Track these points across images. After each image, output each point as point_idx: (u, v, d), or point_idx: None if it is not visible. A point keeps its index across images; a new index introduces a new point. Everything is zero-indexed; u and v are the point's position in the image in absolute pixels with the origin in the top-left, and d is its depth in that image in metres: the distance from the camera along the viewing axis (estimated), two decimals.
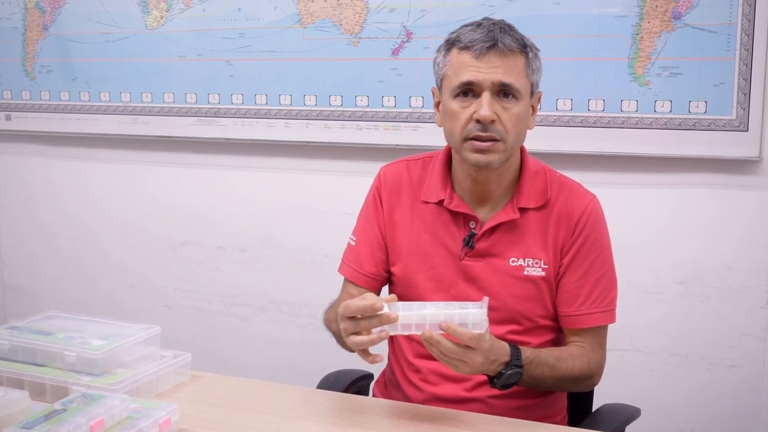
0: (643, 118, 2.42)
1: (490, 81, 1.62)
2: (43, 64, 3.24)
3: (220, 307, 3.17)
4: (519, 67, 1.64)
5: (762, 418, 2.47)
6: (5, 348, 1.74)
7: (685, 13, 2.34)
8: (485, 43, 1.62)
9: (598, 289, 1.73)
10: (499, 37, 1.62)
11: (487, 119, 1.62)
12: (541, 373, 1.63)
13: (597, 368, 1.74)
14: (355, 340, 1.49)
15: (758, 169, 2.37)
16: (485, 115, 1.61)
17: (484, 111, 1.62)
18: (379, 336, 1.48)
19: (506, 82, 1.62)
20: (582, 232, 1.72)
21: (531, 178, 1.75)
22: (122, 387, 1.61)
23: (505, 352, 1.56)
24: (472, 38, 1.63)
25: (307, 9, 2.78)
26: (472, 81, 1.63)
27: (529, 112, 1.70)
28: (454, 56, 1.67)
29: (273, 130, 2.90)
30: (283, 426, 1.56)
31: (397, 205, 1.83)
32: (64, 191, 3.38)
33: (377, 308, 1.46)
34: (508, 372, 1.56)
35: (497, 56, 1.62)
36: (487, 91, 1.62)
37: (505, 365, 1.56)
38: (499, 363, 1.55)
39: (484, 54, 1.62)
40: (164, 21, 3.00)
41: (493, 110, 1.62)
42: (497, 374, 1.56)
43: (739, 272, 2.44)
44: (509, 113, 1.64)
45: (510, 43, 1.63)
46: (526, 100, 1.67)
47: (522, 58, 1.65)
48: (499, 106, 1.63)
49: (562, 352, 1.70)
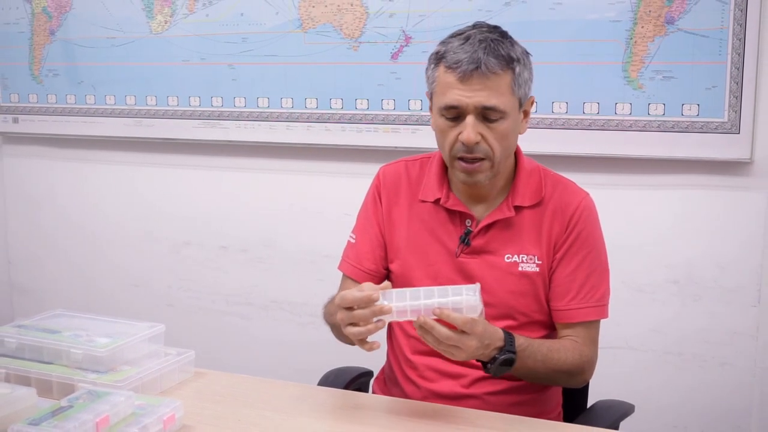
0: (636, 120, 2.44)
1: (474, 105, 1.61)
2: (50, 68, 3.26)
3: (223, 306, 3.18)
4: (503, 87, 1.62)
5: (753, 415, 2.48)
6: (13, 346, 1.74)
7: (678, 18, 2.36)
8: (469, 66, 1.60)
9: (588, 284, 1.74)
10: (483, 60, 1.59)
11: (471, 143, 1.62)
12: (534, 363, 1.63)
13: (589, 363, 1.74)
14: (353, 331, 1.50)
15: (750, 170, 2.39)
16: (468, 139, 1.62)
17: (467, 135, 1.62)
18: (375, 326, 1.49)
19: (489, 105, 1.61)
20: (575, 227, 1.74)
21: (526, 177, 1.76)
22: (127, 384, 1.61)
23: (499, 337, 1.56)
24: (457, 59, 1.61)
25: (308, 14, 2.81)
26: (455, 105, 1.63)
27: (518, 123, 1.70)
28: (441, 74, 1.65)
29: (275, 133, 2.92)
30: (284, 422, 1.57)
31: (395, 204, 1.84)
32: (69, 192, 3.40)
33: (374, 299, 1.47)
34: (502, 357, 1.55)
35: (480, 79, 1.60)
36: (471, 114, 1.62)
37: (498, 350, 1.56)
38: (493, 348, 1.54)
39: (467, 77, 1.60)
40: (168, 26, 3.02)
41: (477, 131, 1.62)
42: (491, 359, 1.56)
43: (731, 272, 2.45)
44: (494, 132, 1.64)
45: (493, 65, 1.60)
46: (514, 114, 1.66)
47: (508, 76, 1.62)
48: (484, 126, 1.63)
49: (554, 344, 1.70)
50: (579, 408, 1.91)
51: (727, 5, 2.30)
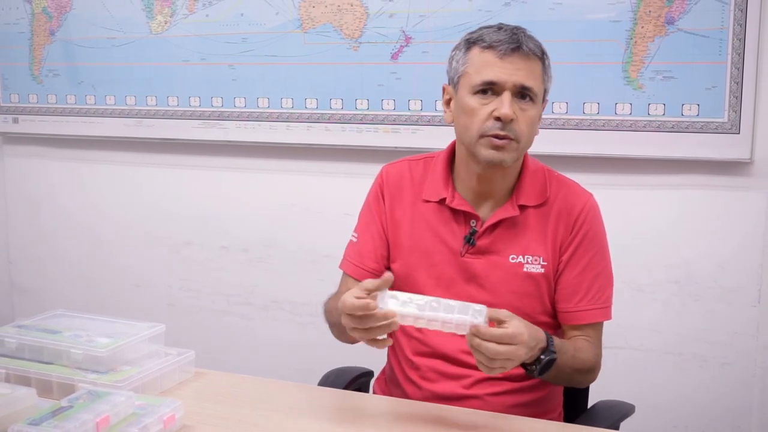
0: (637, 120, 2.45)
1: (513, 82, 1.64)
2: (50, 68, 3.27)
3: (223, 306, 3.19)
4: (537, 72, 1.66)
5: (754, 415, 2.48)
6: (13, 346, 1.74)
7: (678, 18, 2.36)
8: (510, 45, 1.64)
9: (596, 286, 1.75)
10: (523, 41, 1.64)
11: (508, 117, 1.63)
12: (564, 362, 1.62)
13: (599, 362, 1.75)
14: (358, 336, 1.49)
15: (750, 170, 2.39)
16: (507, 114, 1.62)
17: (506, 109, 1.63)
18: (384, 342, 1.50)
19: (527, 85, 1.64)
20: (581, 229, 1.74)
21: (531, 176, 1.77)
22: (127, 384, 1.61)
23: (542, 337, 1.55)
24: (497, 38, 1.65)
25: (308, 14, 2.81)
26: (494, 81, 1.64)
27: (540, 117, 1.73)
28: (475, 54, 1.67)
29: (275, 133, 2.93)
30: (284, 422, 1.57)
31: (398, 203, 1.84)
32: (70, 193, 3.40)
33: (371, 307, 1.45)
34: (546, 358, 1.55)
35: (521, 59, 1.64)
36: (509, 91, 1.64)
37: (541, 350, 1.55)
38: (538, 348, 1.54)
39: (508, 55, 1.64)
40: (168, 26, 3.02)
41: (512, 110, 1.64)
42: (535, 360, 1.54)
43: (731, 272, 2.46)
44: (526, 115, 1.66)
45: (533, 47, 1.65)
46: (539, 104, 1.69)
47: (540, 64, 1.67)
48: (517, 106, 1.65)
49: (577, 343, 1.71)
50: (579, 408, 1.91)
51: (727, 5, 2.31)
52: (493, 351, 1.44)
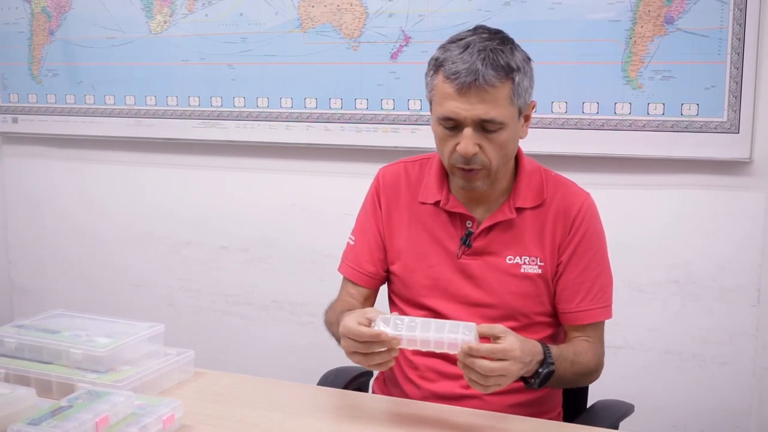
0: (636, 120, 2.45)
1: (471, 118, 1.60)
2: (49, 68, 3.27)
3: (223, 306, 3.19)
4: (502, 99, 1.60)
5: (753, 415, 2.49)
6: (12, 346, 1.75)
7: (678, 18, 2.36)
8: (467, 78, 1.57)
9: (597, 286, 1.75)
10: (481, 72, 1.57)
11: (468, 155, 1.62)
12: (564, 370, 1.63)
13: (601, 362, 1.76)
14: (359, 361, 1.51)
15: (749, 170, 2.39)
16: (465, 152, 1.61)
17: (464, 148, 1.61)
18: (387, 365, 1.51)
19: (487, 119, 1.60)
20: (579, 229, 1.74)
21: (527, 178, 1.76)
22: (127, 384, 1.61)
23: (538, 351, 1.56)
24: (455, 70, 1.59)
25: (308, 14, 2.81)
26: (453, 117, 1.62)
27: (518, 130, 1.69)
28: (439, 83, 1.63)
29: (274, 133, 2.93)
30: (284, 422, 1.57)
31: (395, 206, 1.84)
32: (69, 192, 3.40)
33: (382, 338, 1.47)
34: (545, 371, 1.56)
35: (478, 92, 1.58)
36: (469, 126, 1.61)
37: (539, 363, 1.56)
38: (535, 362, 1.55)
39: (465, 90, 1.58)
40: (168, 26, 3.02)
41: (475, 143, 1.62)
42: (534, 374, 1.56)
43: (730, 271, 2.46)
44: (493, 143, 1.63)
45: (492, 77, 1.58)
46: (513, 123, 1.65)
47: (506, 87, 1.60)
48: (482, 137, 1.62)
49: (575, 347, 1.71)
50: (579, 408, 1.91)
51: (727, 5, 2.31)
52: (487, 368, 1.44)
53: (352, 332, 1.49)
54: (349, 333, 1.49)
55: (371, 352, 1.49)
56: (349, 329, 1.49)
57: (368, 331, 1.47)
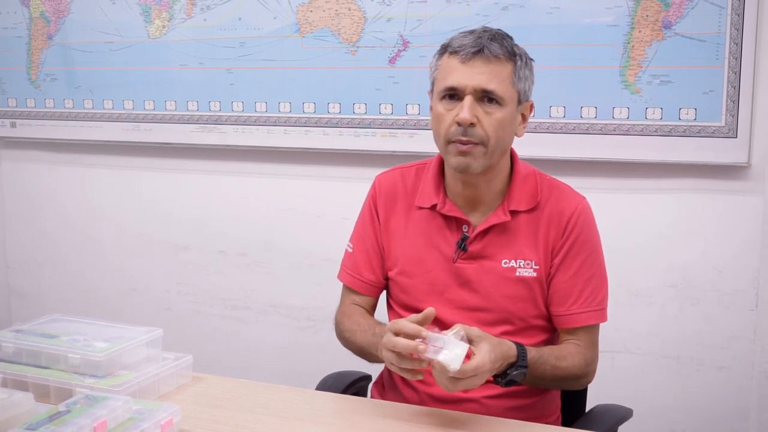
0: (634, 125, 2.45)
1: (473, 86, 1.64)
2: (48, 72, 3.27)
3: (221, 310, 3.19)
4: (504, 74, 1.65)
5: (751, 419, 2.48)
6: (10, 350, 1.74)
7: (675, 23, 2.37)
8: (472, 48, 1.64)
9: (588, 289, 1.75)
10: (486, 44, 1.64)
11: (466, 122, 1.63)
12: (543, 372, 1.65)
13: (592, 366, 1.76)
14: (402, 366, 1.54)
15: (747, 174, 2.39)
16: (464, 118, 1.63)
17: (464, 114, 1.63)
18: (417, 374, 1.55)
19: (488, 88, 1.64)
20: (572, 232, 1.74)
21: (521, 181, 1.77)
22: (125, 389, 1.61)
23: (512, 354, 1.58)
24: (461, 43, 1.66)
25: (306, 18, 2.81)
26: (455, 86, 1.65)
27: (516, 119, 1.71)
28: (444, 60, 1.69)
29: (272, 137, 2.93)
30: (282, 427, 1.57)
31: (392, 213, 1.85)
32: (68, 197, 3.40)
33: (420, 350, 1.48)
34: (514, 372, 1.58)
35: (482, 62, 1.64)
36: (470, 95, 1.64)
37: (510, 365, 1.59)
38: (506, 364, 1.58)
39: (469, 59, 1.64)
40: (166, 30, 3.03)
41: (473, 113, 1.64)
42: (502, 373, 1.59)
43: (728, 275, 2.46)
44: (491, 118, 1.65)
45: (496, 49, 1.65)
46: (511, 106, 1.68)
47: (509, 66, 1.66)
48: (481, 110, 1.65)
49: (561, 351, 1.71)
50: (577, 412, 1.91)
51: (724, 9, 2.31)
52: (454, 382, 1.49)
53: (396, 346, 1.51)
54: (392, 346, 1.52)
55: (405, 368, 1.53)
56: (389, 340, 1.53)
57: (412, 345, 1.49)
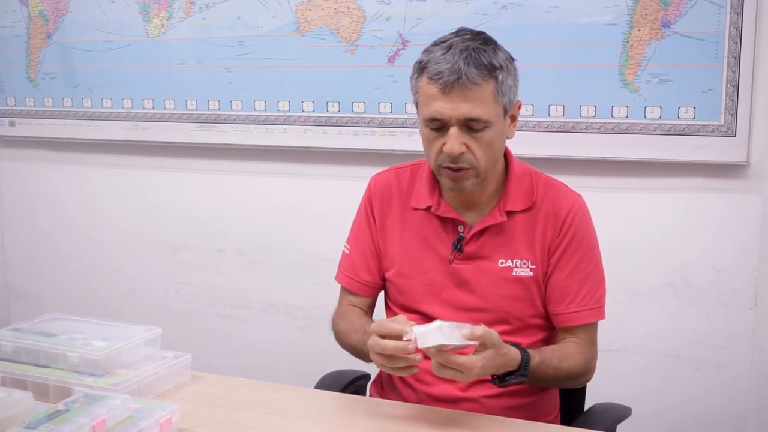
0: (633, 123, 2.45)
1: (456, 117, 1.61)
2: (47, 71, 3.27)
3: (220, 309, 3.19)
4: (486, 97, 1.61)
5: (750, 418, 2.49)
6: (9, 349, 1.75)
7: (674, 22, 2.37)
8: (450, 77, 1.58)
9: (586, 287, 1.75)
10: (464, 70, 1.58)
11: (454, 154, 1.62)
12: (545, 375, 1.65)
13: (591, 364, 1.76)
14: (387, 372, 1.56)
15: (746, 173, 2.40)
16: (452, 151, 1.62)
17: (451, 147, 1.62)
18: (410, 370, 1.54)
19: (472, 116, 1.61)
20: (569, 230, 1.74)
21: (517, 181, 1.77)
22: (124, 387, 1.61)
23: (514, 364, 1.57)
24: (439, 70, 1.60)
25: (305, 17, 2.81)
26: (438, 117, 1.63)
27: (504, 129, 1.69)
28: (423, 84, 1.65)
29: (272, 136, 2.93)
30: (281, 425, 1.58)
31: (388, 213, 1.85)
32: (66, 196, 3.40)
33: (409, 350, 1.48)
34: (512, 379, 1.58)
35: (462, 91, 1.59)
36: (455, 126, 1.62)
37: (509, 373, 1.58)
38: (505, 371, 1.57)
39: (449, 89, 1.59)
40: (165, 29, 3.03)
41: (461, 142, 1.62)
42: (500, 376, 1.58)
43: (727, 274, 2.46)
44: (480, 142, 1.63)
45: (475, 75, 1.59)
46: (498, 122, 1.65)
47: (490, 85, 1.61)
48: (468, 136, 1.63)
49: (563, 352, 1.71)
50: (576, 411, 1.91)
51: (723, 8, 2.31)
52: (439, 367, 1.49)
53: (386, 348, 1.51)
54: (383, 349, 1.51)
55: (397, 366, 1.52)
56: (376, 344, 1.52)
57: (393, 345, 1.50)
